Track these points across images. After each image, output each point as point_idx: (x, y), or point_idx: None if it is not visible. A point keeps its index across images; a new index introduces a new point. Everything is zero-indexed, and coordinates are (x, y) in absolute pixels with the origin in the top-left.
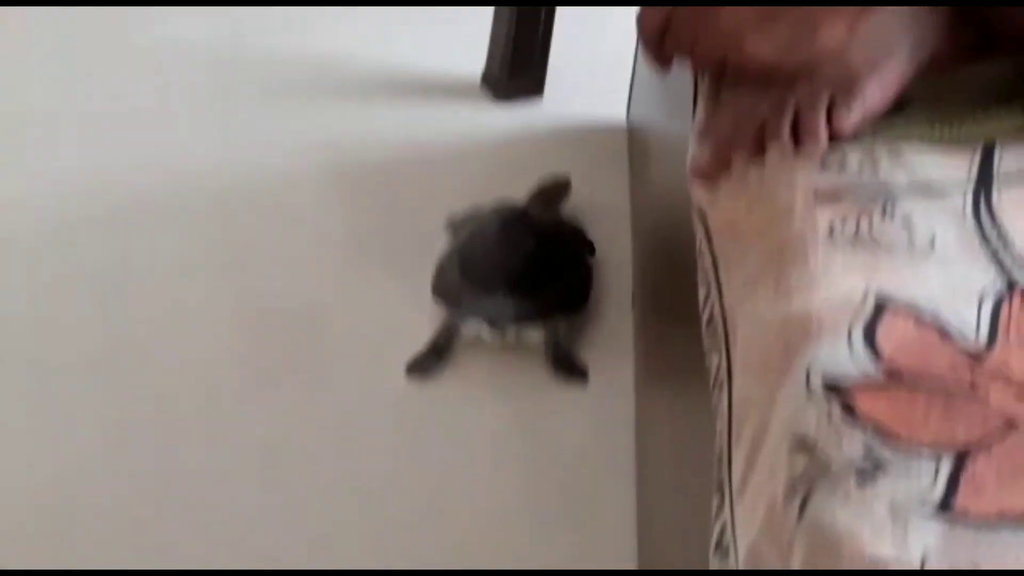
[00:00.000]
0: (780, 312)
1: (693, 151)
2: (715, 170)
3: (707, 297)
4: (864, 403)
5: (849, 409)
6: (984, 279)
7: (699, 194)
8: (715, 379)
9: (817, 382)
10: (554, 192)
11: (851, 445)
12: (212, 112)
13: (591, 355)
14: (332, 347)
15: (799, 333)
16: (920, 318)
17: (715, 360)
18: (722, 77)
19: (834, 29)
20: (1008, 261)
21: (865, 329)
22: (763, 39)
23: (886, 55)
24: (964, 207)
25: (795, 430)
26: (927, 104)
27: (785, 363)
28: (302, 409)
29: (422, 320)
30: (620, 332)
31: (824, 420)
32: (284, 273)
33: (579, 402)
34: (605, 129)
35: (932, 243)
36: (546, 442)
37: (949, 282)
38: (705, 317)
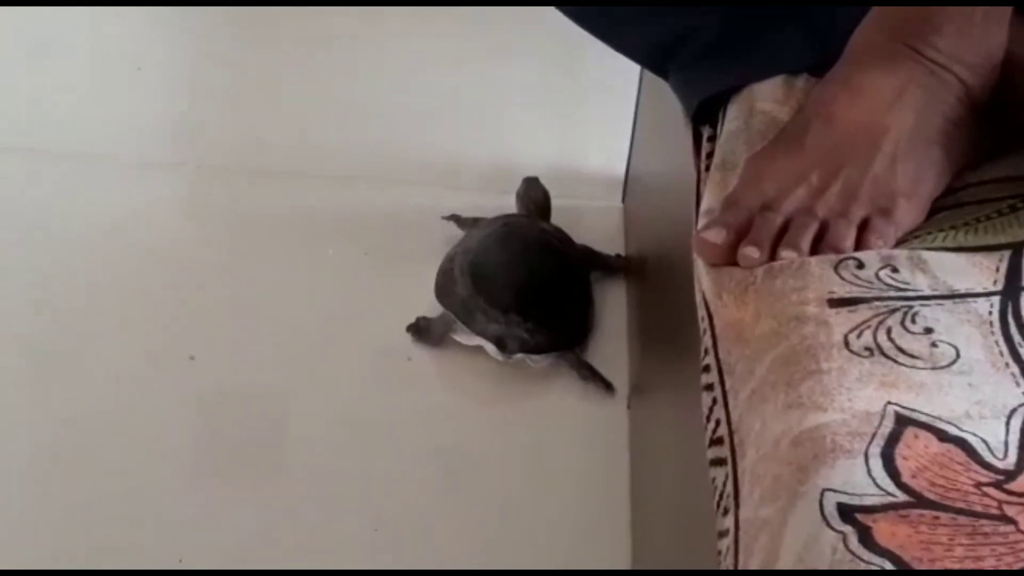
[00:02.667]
0: (791, 429)
1: (701, 230)
2: (722, 260)
3: (712, 407)
4: (883, 531)
5: (866, 537)
6: (1012, 394)
7: (706, 285)
8: (720, 498)
9: (831, 507)
10: (540, 200)
11: None
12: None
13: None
14: (294, 433)
15: (811, 453)
16: (943, 437)
17: (720, 477)
18: None
19: (882, 163)
20: None
21: (883, 449)
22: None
23: (921, 179)
24: (991, 316)
25: (808, 559)
26: (948, 208)
27: (797, 485)
28: (265, 493)
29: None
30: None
31: (841, 549)
32: (247, 361)
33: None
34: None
35: (956, 355)
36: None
37: (975, 397)
38: (710, 429)
